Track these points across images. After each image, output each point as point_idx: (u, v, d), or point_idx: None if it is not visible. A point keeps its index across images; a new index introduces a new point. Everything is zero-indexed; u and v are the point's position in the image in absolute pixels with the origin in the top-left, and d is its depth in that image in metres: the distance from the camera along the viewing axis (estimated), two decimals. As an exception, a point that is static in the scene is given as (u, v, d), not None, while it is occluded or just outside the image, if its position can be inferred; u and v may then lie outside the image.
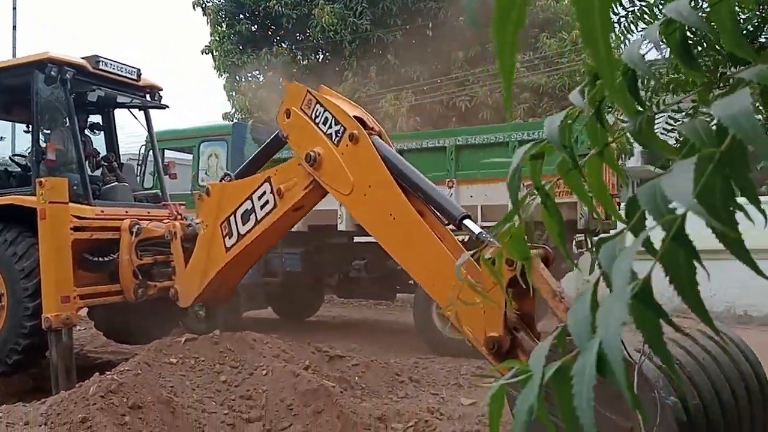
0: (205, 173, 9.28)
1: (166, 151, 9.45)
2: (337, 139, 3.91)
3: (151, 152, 7.72)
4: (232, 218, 4.85)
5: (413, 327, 8.09)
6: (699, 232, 0.63)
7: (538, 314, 2.89)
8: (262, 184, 4.59)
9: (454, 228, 3.36)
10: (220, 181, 5.23)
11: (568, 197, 7.19)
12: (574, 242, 8.31)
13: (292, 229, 5.77)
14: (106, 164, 7.38)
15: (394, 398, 5.44)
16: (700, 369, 2.00)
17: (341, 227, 8.42)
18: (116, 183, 7.11)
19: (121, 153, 7.90)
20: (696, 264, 0.57)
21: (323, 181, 4.00)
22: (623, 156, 13.37)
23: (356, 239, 8.89)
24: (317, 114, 4.06)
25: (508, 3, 0.59)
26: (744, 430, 2.05)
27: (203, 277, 5.25)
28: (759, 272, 0.58)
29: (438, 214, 3.41)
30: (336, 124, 3.94)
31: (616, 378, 0.53)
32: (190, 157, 9.81)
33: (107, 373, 4.54)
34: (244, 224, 4.75)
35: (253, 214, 4.66)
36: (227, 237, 4.91)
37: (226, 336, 5.50)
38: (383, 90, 14.38)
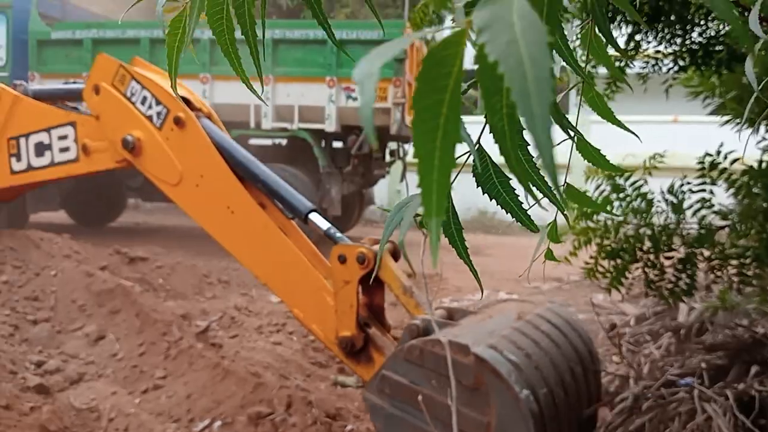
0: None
1: None
2: (160, 121, 3.36)
3: None
4: (23, 141, 4.12)
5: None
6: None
7: None
8: (64, 125, 3.91)
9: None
10: (14, 88, 4.43)
11: (382, 102, 7.32)
12: (387, 150, 8.54)
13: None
14: None
15: (201, 299, 5.31)
16: (544, 356, 2.12)
17: None
18: None
19: None
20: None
21: (145, 169, 3.44)
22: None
23: None
24: (134, 92, 3.45)
25: None
26: (582, 405, 2.25)
27: None
28: None
29: (281, 207, 3.07)
30: (157, 104, 3.38)
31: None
32: None
33: None
34: (37, 157, 4.07)
35: (50, 152, 3.98)
36: (15, 158, 4.19)
37: (7, 233, 4.92)
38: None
